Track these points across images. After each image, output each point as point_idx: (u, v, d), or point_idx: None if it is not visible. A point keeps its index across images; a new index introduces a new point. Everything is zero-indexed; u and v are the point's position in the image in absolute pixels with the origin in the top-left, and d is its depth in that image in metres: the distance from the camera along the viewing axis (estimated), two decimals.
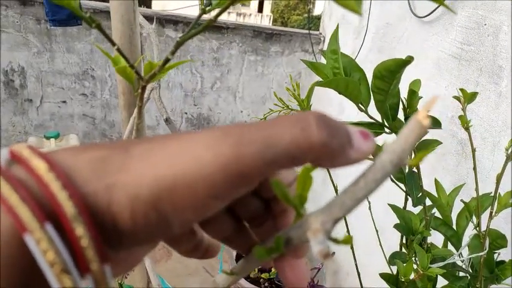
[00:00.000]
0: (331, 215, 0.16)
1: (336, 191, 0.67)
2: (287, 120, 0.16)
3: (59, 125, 2.45)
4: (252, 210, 0.23)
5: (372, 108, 0.53)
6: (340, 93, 0.48)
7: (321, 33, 2.44)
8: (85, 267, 0.14)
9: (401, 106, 0.58)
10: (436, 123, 0.51)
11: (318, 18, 2.96)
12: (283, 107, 0.46)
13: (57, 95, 2.40)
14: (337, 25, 0.48)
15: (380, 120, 0.57)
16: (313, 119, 0.16)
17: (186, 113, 2.59)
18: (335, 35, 0.49)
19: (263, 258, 0.20)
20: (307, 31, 2.36)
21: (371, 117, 0.55)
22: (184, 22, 2.32)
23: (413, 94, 0.58)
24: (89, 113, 2.48)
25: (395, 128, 0.59)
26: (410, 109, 0.58)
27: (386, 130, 0.59)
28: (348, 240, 0.16)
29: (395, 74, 0.45)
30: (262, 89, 2.56)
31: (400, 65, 0.43)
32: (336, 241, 0.16)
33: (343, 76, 0.49)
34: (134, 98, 0.59)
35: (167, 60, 0.44)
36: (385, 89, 0.48)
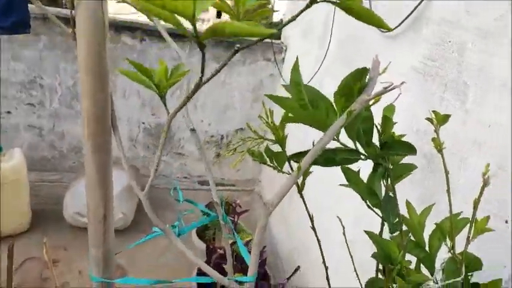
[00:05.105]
0: None
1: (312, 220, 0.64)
2: None
3: (3, 137, 2.26)
4: None
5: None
6: (310, 126, 0.47)
7: (282, 42, 2.43)
8: None
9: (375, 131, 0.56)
10: (411, 150, 0.49)
11: (277, 25, 2.95)
12: (256, 138, 0.41)
13: (1, 104, 2.22)
14: (297, 57, 0.46)
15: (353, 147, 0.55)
16: None
17: (143, 123, 2.48)
18: (296, 67, 0.46)
19: None
20: (269, 40, 2.33)
21: (343, 145, 0.53)
22: (143, 29, 2.22)
23: (387, 120, 0.56)
24: (36, 123, 2.31)
25: (370, 154, 0.56)
26: (385, 134, 0.56)
27: (362, 156, 0.56)
28: None
29: (356, 87, 0.44)
30: (224, 97, 2.50)
31: (356, 76, 0.42)
32: None
33: (309, 107, 0.47)
34: (100, 81, 0.53)
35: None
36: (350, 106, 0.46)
